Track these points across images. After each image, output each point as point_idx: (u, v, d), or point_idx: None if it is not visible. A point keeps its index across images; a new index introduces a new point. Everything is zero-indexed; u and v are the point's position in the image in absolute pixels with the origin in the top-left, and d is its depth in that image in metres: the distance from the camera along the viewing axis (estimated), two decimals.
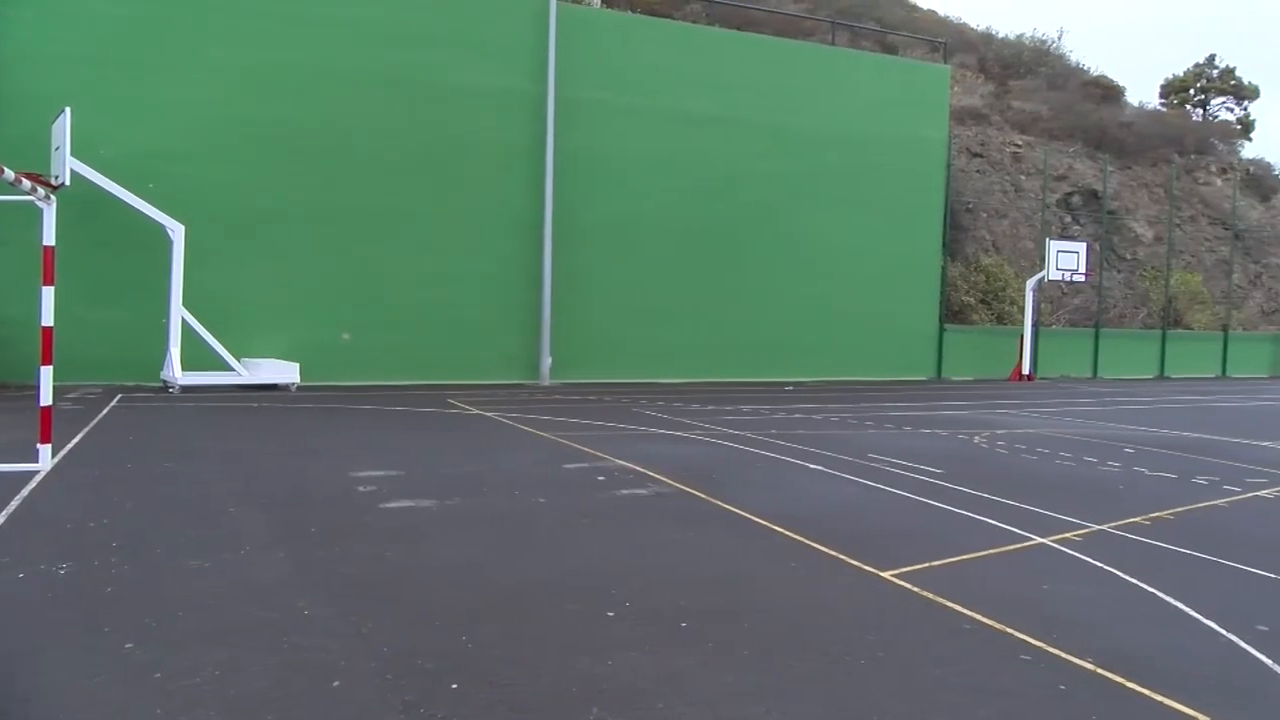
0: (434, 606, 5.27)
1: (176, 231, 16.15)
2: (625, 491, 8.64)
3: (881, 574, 6.12)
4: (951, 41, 32.65)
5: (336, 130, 18.31)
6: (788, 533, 7.17)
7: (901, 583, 5.95)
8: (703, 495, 8.49)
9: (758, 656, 4.67)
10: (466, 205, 19.32)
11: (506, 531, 7.10)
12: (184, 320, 16.11)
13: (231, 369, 16.48)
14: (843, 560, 6.45)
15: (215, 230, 17.06)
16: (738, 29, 24.92)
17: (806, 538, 7.00)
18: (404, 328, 18.80)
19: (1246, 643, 5.03)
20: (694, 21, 25.47)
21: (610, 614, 5.22)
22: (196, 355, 16.30)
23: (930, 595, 5.69)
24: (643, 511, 7.91)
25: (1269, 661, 4.77)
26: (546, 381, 19.58)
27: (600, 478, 9.26)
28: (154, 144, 16.93)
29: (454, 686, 4.18)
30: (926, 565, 6.33)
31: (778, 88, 22.59)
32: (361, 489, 8.39)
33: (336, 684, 4.17)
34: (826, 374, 23.02)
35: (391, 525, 7.16)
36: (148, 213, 16.02)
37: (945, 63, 27.71)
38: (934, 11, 41.87)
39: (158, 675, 4.17)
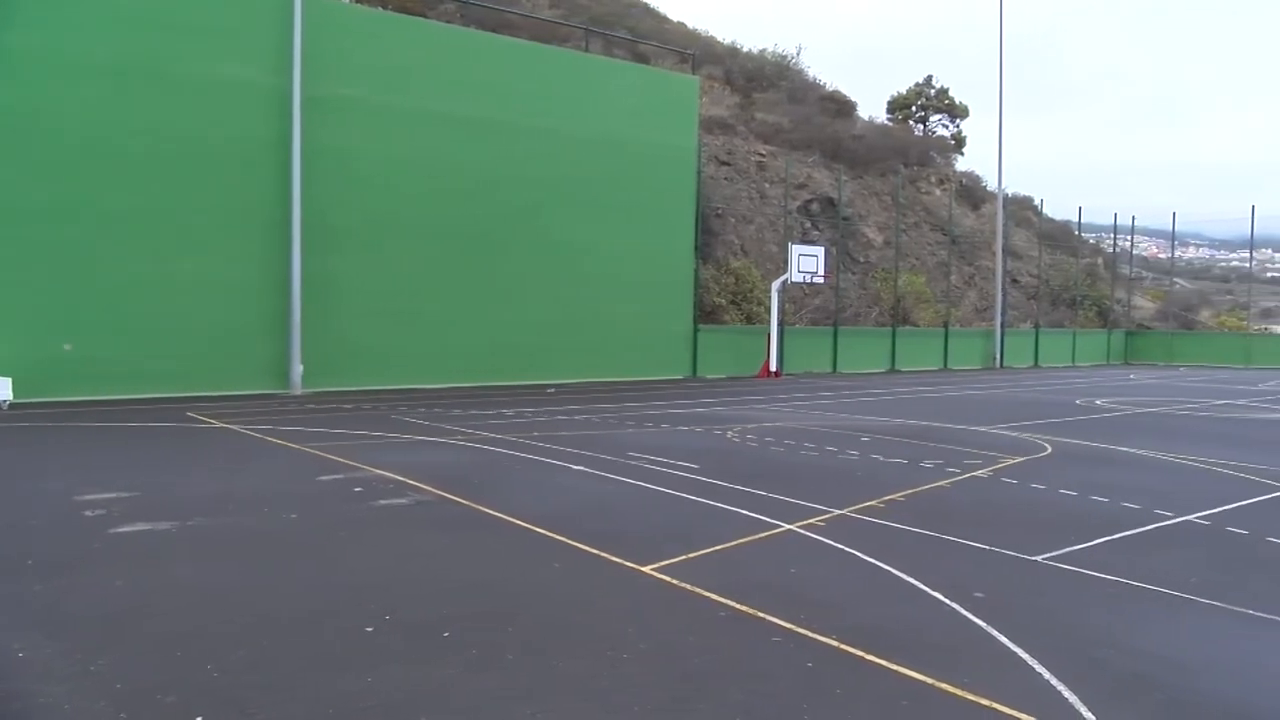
0: (176, 636, 4.91)
1: None
2: (384, 502, 8.39)
3: (642, 569, 6.28)
4: (700, 53, 33.97)
5: (56, 122, 16.63)
6: (550, 534, 7.21)
7: (661, 576, 6.12)
8: (464, 501, 8.39)
9: (522, 659, 4.67)
10: (206, 204, 18.07)
11: (256, 551, 6.72)
12: None
13: None
14: (604, 558, 6.56)
15: None
16: (493, 31, 24.81)
17: (569, 537, 7.07)
18: (138, 336, 17.35)
19: (966, 609, 5.54)
20: (448, 22, 25.12)
21: (369, 629, 5.06)
22: None
23: (688, 586, 5.89)
24: (402, 521, 7.71)
25: (983, 624, 5.27)
26: (298, 391, 18.69)
27: (357, 489, 8.95)
28: None
29: (199, 719, 3.91)
30: (684, 558, 6.55)
31: (534, 92, 22.67)
32: (89, 513, 7.69)
33: None
34: (588, 375, 23.33)
35: (124, 551, 6.61)
36: None
37: (694, 74, 28.77)
38: (684, 23, 43.39)
39: None
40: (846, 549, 6.91)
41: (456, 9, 29.04)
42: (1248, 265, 44.59)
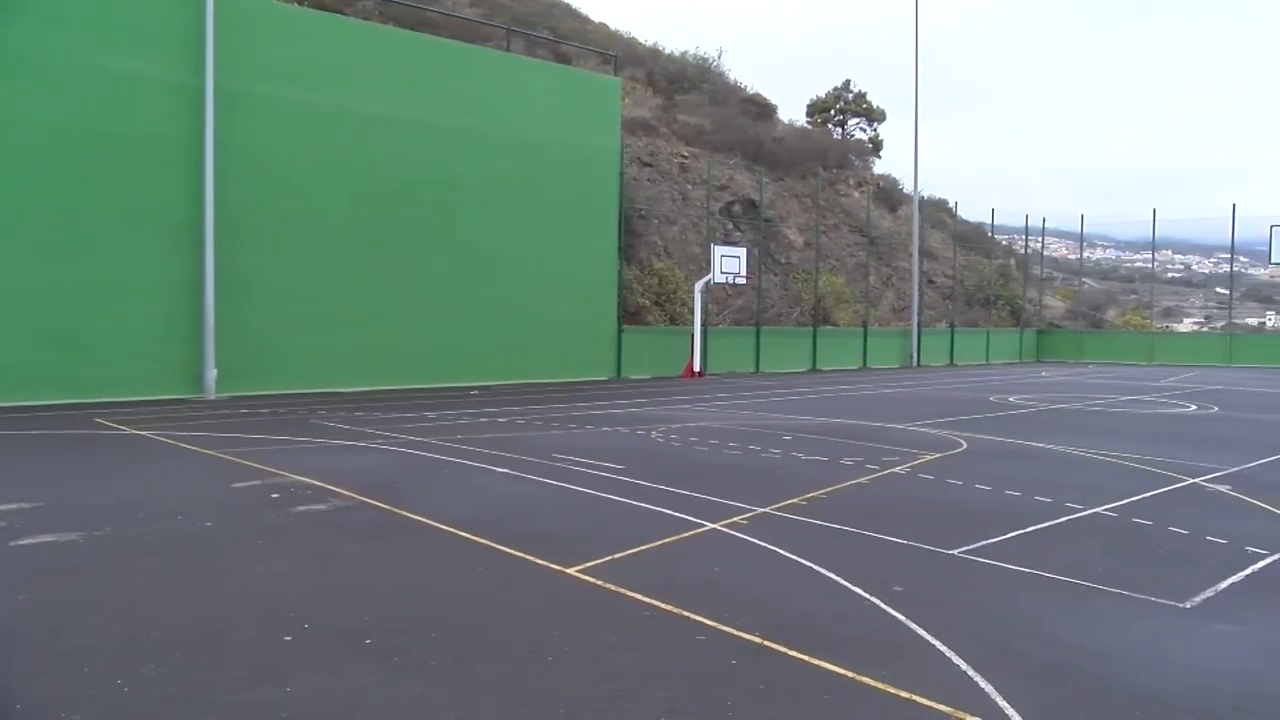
0: (82, 650, 4.74)
1: None
2: (302, 508, 8.22)
3: (567, 571, 6.25)
4: (622, 55, 34.01)
5: None
6: (474, 537, 7.14)
7: (586, 577, 6.11)
8: (386, 506, 8.26)
9: (446, 665, 4.61)
10: (112, 204, 17.48)
11: (168, 560, 6.52)
12: None
13: None
14: (528, 560, 6.52)
15: None
16: (413, 29, 24.50)
17: (493, 541, 7.01)
18: (40, 341, 16.69)
19: (885, 603, 5.64)
20: (367, 19, 24.72)
21: (288, 638, 4.95)
22: None
23: (613, 587, 5.89)
24: (322, 527, 7.56)
25: (902, 618, 5.38)
26: (212, 395, 18.20)
27: (274, 495, 8.75)
28: None
29: None
30: (609, 558, 6.54)
31: (454, 91, 22.44)
32: None
33: None
34: (511, 377, 23.19)
35: (26, 564, 6.36)
36: None
37: (617, 75, 28.81)
38: (605, 25, 43.42)
39: None
40: (769, 546, 6.98)
41: (375, 6, 28.65)
42: (1150, 266, 46.25)
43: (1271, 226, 32.22)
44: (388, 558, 6.68)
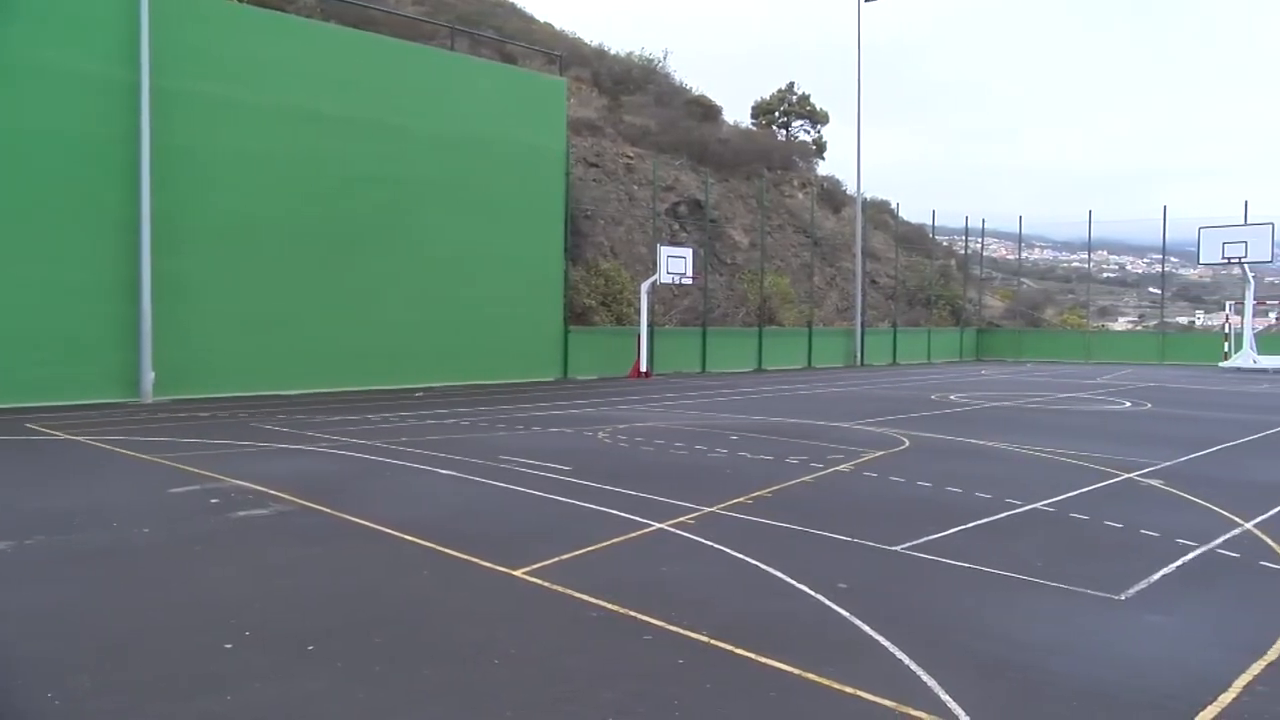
0: (9, 663, 4.60)
1: None
2: (243, 513, 8.07)
3: (513, 573, 6.22)
4: (567, 55, 33.97)
5: None
6: (419, 540, 7.07)
7: (533, 579, 6.08)
8: (329, 510, 8.15)
9: (390, 671, 4.56)
10: (44, 204, 17.01)
11: (104, 569, 6.37)
12: None
13: None
14: (475, 563, 6.47)
15: None
16: (355, 27, 24.20)
17: (438, 544, 6.95)
18: None
19: (830, 600, 5.70)
20: (309, 17, 24.37)
21: (229, 646, 4.86)
22: None
23: (560, 588, 5.87)
24: (263, 533, 7.44)
25: (847, 614, 5.43)
26: (150, 399, 17.80)
27: (214, 500, 8.58)
28: None
29: None
30: (556, 560, 6.52)
31: (399, 90, 22.22)
32: None
33: None
34: (457, 378, 23.02)
35: None
36: None
37: (562, 75, 28.74)
38: (551, 24, 43.33)
39: None
40: (716, 546, 7.01)
41: (316, 4, 28.26)
42: (1086, 266, 47.30)
43: (1200, 228, 33.17)
44: (330, 562, 6.58)
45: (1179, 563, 6.67)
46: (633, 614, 5.38)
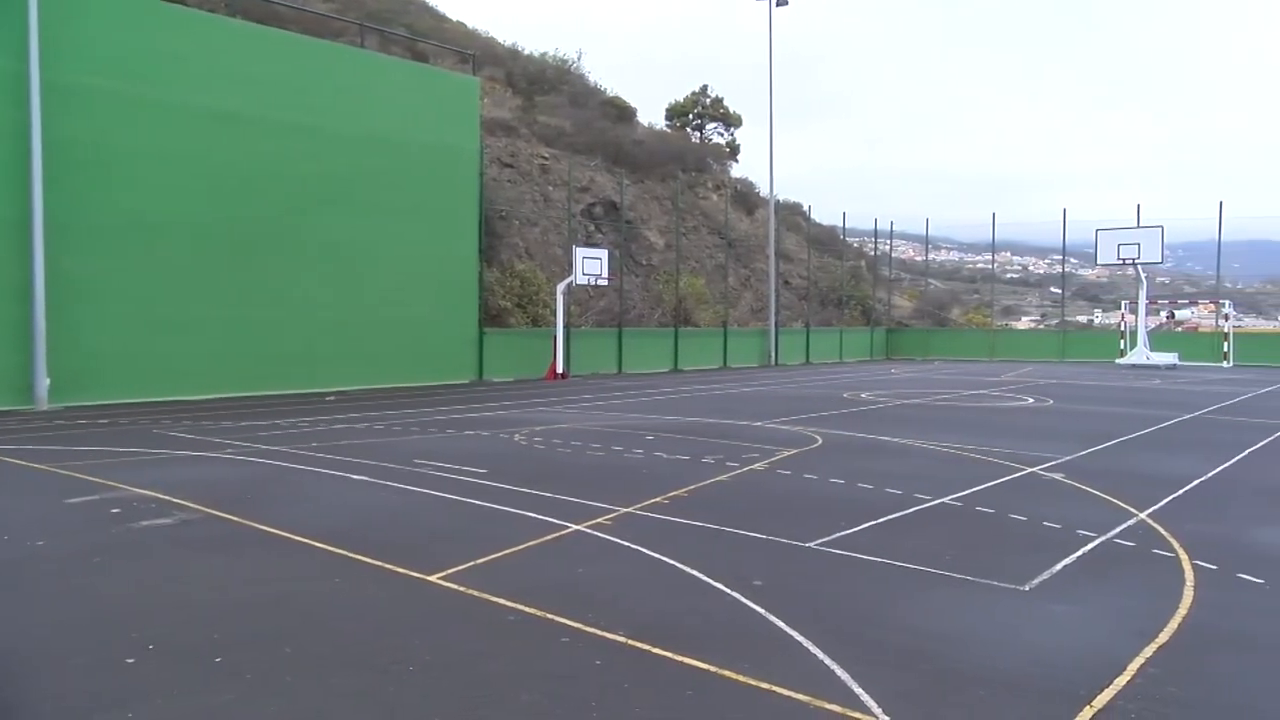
0: None
1: None
2: (145, 523, 7.79)
3: (428, 578, 6.14)
4: (480, 54, 33.67)
5: None
6: (331, 548, 6.93)
7: (448, 584, 6.01)
8: (236, 519, 7.93)
9: (303, 681, 4.45)
10: None
11: None
12: None
13: None
14: (388, 569, 6.37)
15: None
16: (261, 23, 23.59)
17: (351, 551, 6.82)
18: None
19: (746, 598, 5.75)
20: (212, 11, 23.66)
21: (131, 660, 4.69)
22: None
23: (476, 593, 5.81)
24: (166, 543, 7.19)
25: (763, 611, 5.49)
26: (45, 406, 17.07)
27: (114, 510, 8.27)
28: None
29: None
30: (472, 564, 6.45)
31: (307, 88, 21.73)
32: None
33: None
34: (370, 382, 22.62)
35: None
36: None
37: (475, 74, 28.46)
38: (463, 23, 42.87)
39: None
40: (633, 546, 7.02)
41: None
42: (990, 267, 48.71)
43: (1097, 230, 34.48)
44: (238, 572, 6.41)
45: (1079, 553, 6.92)
46: (550, 616, 5.36)
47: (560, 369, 26.75)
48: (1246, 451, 12.59)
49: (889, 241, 47.62)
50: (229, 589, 6.00)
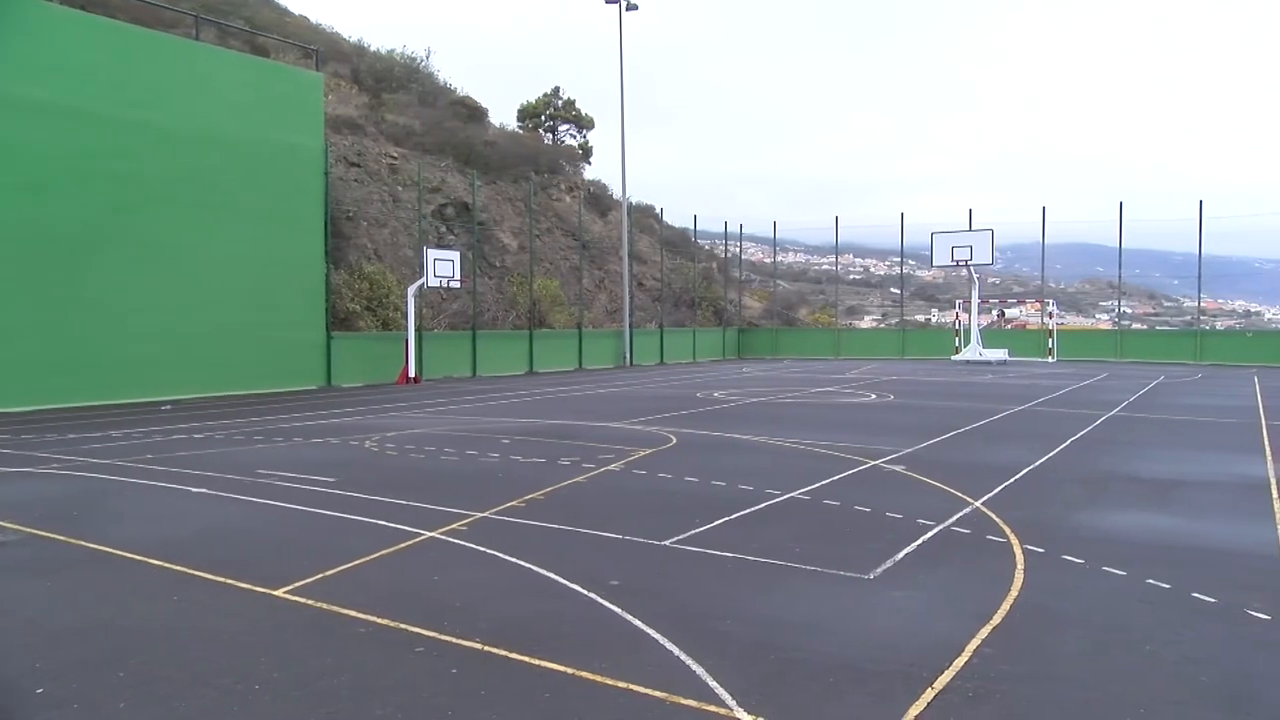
0: None
1: None
2: None
3: (274, 593, 5.91)
4: (325, 50, 32.64)
5: None
6: (167, 564, 6.59)
7: (295, 598, 5.81)
8: (62, 538, 7.44)
9: (138, 706, 4.22)
10: None
11: None
12: None
13: None
14: (231, 585, 6.10)
15: None
16: (84, 10, 22.21)
17: (189, 567, 6.50)
18: None
19: (602, 598, 5.78)
20: None
21: None
22: None
23: (325, 606, 5.63)
24: None
25: (619, 610, 5.53)
26: None
27: None
28: None
29: None
30: (320, 576, 6.25)
31: (133, 80, 20.54)
32: None
33: None
34: (210, 390, 21.60)
35: None
36: None
37: (319, 70, 27.58)
38: (306, 18, 41.51)
39: None
40: (488, 551, 6.95)
41: None
42: (835, 269, 50.40)
43: (932, 234, 36.23)
44: (64, 595, 6.01)
45: (919, 541, 7.24)
46: (403, 626, 5.24)
47: (412, 373, 26.23)
48: (1069, 441, 13.45)
49: (739, 244, 48.70)
50: (54, 613, 5.63)
